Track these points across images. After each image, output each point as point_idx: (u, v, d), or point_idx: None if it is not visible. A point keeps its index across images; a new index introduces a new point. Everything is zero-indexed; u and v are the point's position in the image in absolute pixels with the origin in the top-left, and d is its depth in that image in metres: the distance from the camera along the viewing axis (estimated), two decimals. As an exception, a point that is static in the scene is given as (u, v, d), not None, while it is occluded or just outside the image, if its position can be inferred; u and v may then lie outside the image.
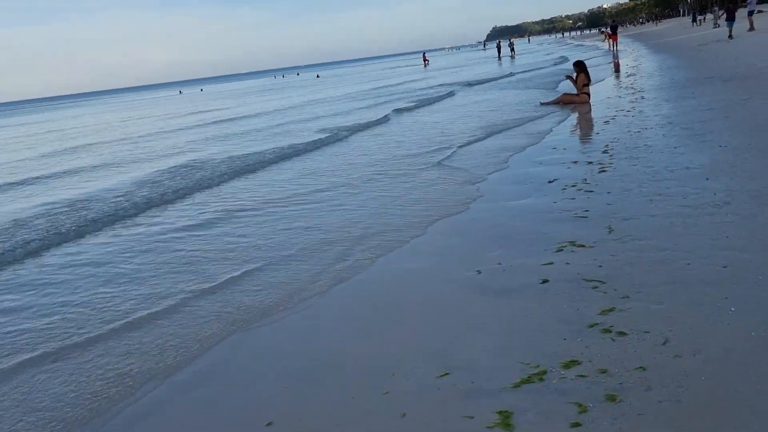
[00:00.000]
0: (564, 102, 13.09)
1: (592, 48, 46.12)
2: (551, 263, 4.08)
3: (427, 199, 6.53)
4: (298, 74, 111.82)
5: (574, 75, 12.96)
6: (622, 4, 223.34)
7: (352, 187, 7.61)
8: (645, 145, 7.47)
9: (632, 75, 18.03)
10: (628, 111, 10.57)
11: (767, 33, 24.61)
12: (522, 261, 4.23)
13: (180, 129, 20.99)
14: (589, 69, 13.21)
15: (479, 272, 4.15)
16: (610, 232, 4.51)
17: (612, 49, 33.84)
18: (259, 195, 7.88)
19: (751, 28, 27.41)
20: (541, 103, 13.48)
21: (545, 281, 3.79)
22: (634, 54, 29.95)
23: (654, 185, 5.57)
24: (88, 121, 36.62)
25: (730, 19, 27.39)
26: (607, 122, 9.77)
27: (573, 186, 6.03)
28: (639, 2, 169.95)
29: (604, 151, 7.49)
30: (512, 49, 54.61)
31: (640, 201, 5.16)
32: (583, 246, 4.30)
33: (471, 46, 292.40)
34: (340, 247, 5.17)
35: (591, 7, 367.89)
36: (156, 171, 10.90)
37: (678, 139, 7.50)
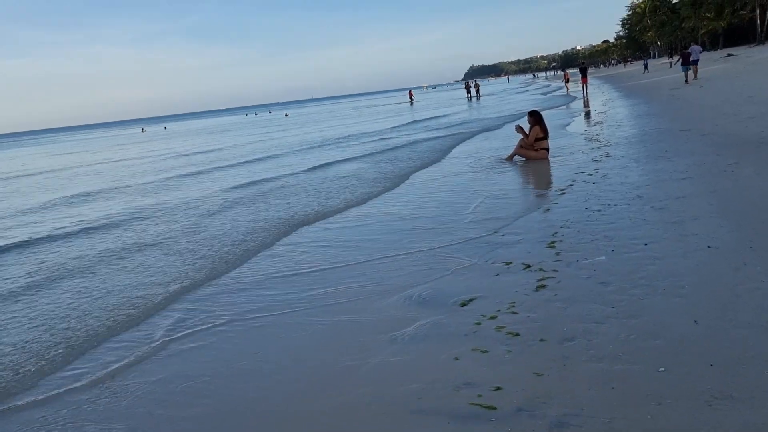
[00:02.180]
0: (520, 155, 11.20)
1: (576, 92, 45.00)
2: None
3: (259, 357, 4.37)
4: (270, 112, 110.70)
5: (528, 128, 11.08)
6: (594, 46, 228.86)
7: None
8: (605, 236, 5.46)
9: (600, 123, 16.33)
10: (590, 174, 8.64)
11: (737, 79, 23.40)
12: None
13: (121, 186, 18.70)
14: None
15: None
16: (527, 468, 2.40)
17: (583, 93, 32.58)
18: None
19: (695, 77, 27.33)
20: (503, 160, 11.52)
21: None
22: (604, 98, 28.62)
23: (613, 332, 3.49)
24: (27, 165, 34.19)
25: (686, 64, 27.34)
26: (563, 192, 7.80)
27: (492, 318, 3.94)
28: (611, 44, 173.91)
29: (551, 245, 5.45)
30: (477, 90, 53.51)
31: (589, 377, 3.06)
32: None
33: (448, 84, 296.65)
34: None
35: (565, 49, 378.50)
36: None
37: (649, 228, 5.50)
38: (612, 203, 6.70)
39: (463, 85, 56.86)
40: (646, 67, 57.05)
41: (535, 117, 10.88)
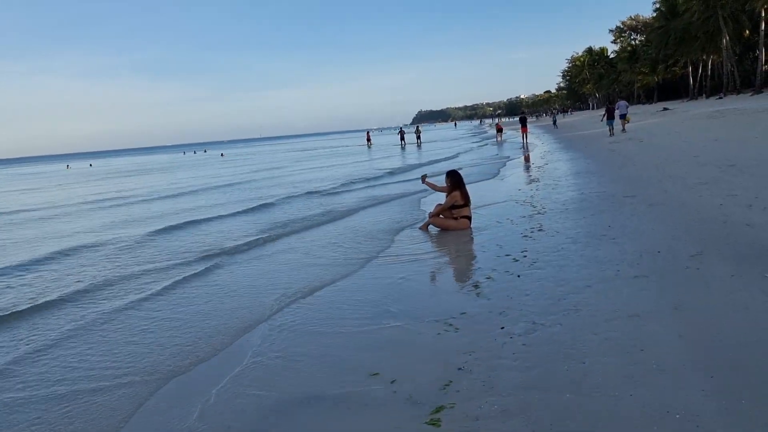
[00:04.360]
0: (436, 225, 9.17)
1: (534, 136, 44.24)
2: None
3: None
4: (205, 151, 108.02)
5: (447, 188, 9.11)
6: (537, 96, 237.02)
7: None
8: (521, 401, 3.37)
9: (536, 180, 14.70)
10: (516, 260, 6.67)
11: (677, 135, 22.60)
12: None
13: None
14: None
15: None
16: None
17: (523, 142, 31.68)
18: None
19: (623, 130, 27.95)
20: (417, 229, 9.43)
21: None
22: (543, 149, 27.54)
23: None
24: None
25: (611, 119, 28.11)
26: (477, 288, 5.76)
27: None
28: (552, 94, 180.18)
29: (434, 419, 3.31)
30: (419, 137, 51.82)
31: None
32: None
33: (395, 128, 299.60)
34: None
35: (510, 97, 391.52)
36: None
37: (595, 384, 3.44)
38: (539, 319, 4.67)
39: (414, 130, 55.47)
40: (554, 123, 49.72)
41: (453, 179, 8.92)
